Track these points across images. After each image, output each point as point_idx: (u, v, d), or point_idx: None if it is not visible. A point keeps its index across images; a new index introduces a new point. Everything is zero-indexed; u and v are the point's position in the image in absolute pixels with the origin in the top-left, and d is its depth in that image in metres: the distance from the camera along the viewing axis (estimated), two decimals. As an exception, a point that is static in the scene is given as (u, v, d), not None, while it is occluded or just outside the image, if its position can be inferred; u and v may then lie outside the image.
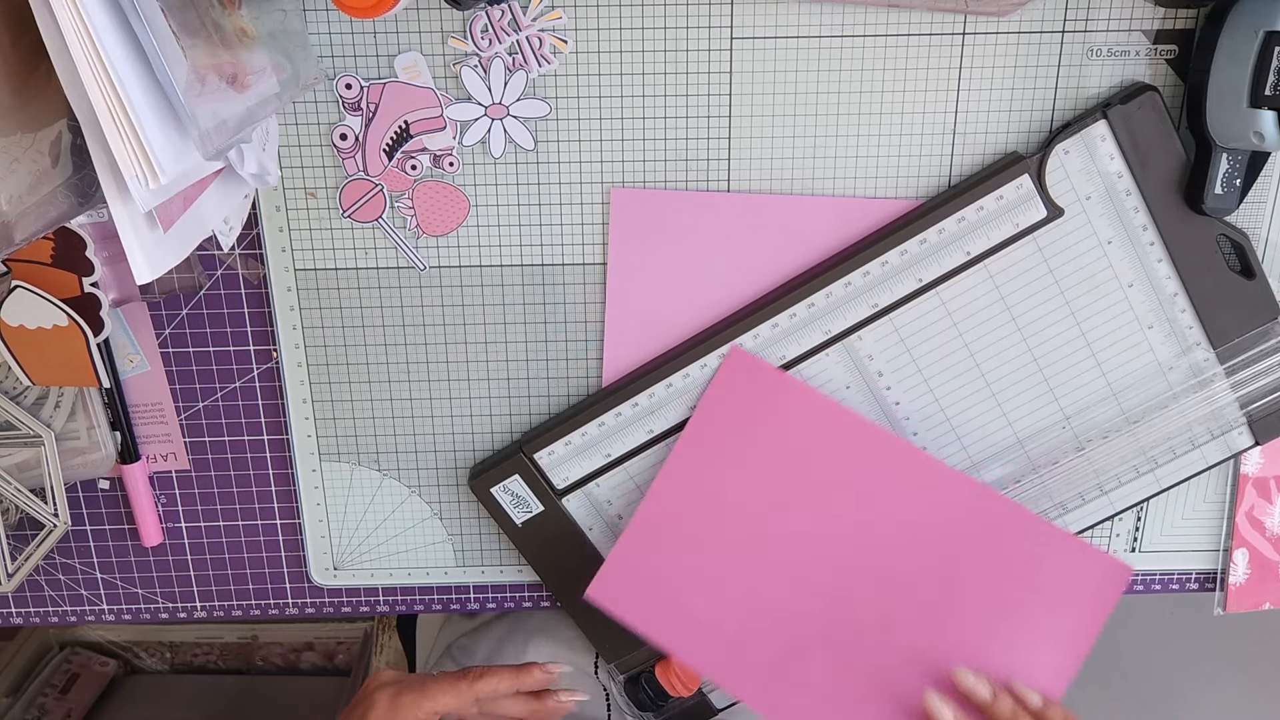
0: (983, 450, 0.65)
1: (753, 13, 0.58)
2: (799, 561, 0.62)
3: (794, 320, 0.62)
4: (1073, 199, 0.59)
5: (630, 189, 0.61)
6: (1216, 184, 0.58)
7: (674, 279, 0.63)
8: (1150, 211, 0.59)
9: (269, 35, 0.52)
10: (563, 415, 0.65)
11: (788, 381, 0.62)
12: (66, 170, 0.47)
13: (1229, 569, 0.69)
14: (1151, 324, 0.62)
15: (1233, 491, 0.68)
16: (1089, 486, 0.65)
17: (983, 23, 0.58)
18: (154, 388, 0.66)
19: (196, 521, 0.70)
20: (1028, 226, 0.60)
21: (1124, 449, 0.64)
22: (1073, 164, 0.59)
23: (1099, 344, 0.63)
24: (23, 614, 0.72)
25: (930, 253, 0.60)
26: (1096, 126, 0.58)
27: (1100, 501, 0.66)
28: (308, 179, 0.61)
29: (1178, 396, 0.63)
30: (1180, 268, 0.61)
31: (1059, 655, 0.60)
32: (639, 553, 0.63)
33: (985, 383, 0.63)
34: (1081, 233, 0.60)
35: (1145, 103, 0.58)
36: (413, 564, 0.70)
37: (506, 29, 0.58)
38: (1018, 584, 0.60)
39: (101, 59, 0.40)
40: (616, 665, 0.71)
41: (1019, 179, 0.59)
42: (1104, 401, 0.64)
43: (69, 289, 0.59)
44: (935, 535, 0.61)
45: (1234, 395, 0.63)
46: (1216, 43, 0.56)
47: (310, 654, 1.37)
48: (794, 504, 0.62)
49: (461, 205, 0.62)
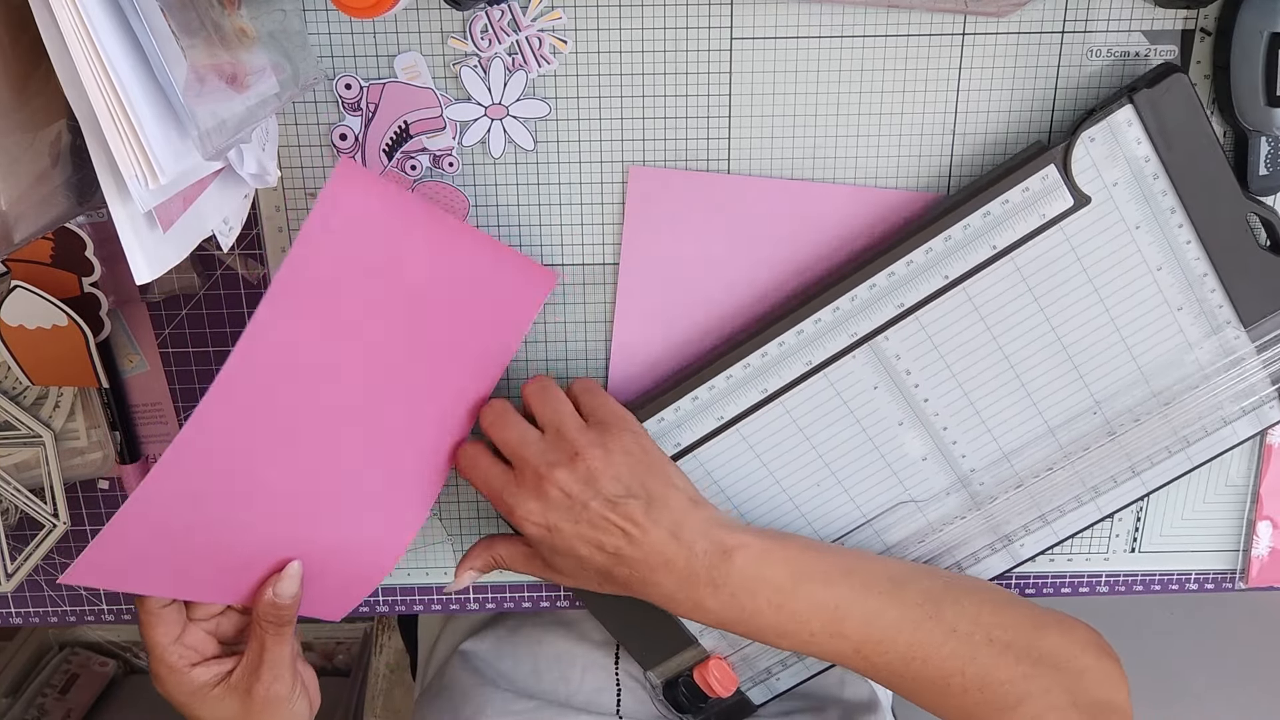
0: (1014, 440, 0.64)
1: (753, 13, 0.58)
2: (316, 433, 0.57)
3: (819, 325, 0.61)
4: (1099, 186, 0.59)
5: (650, 168, 0.61)
6: (1260, 166, 0.59)
7: (689, 266, 0.63)
8: (1178, 194, 0.59)
9: (269, 35, 0.52)
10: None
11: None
12: (66, 170, 0.47)
13: (1252, 542, 0.69)
14: (1181, 305, 0.62)
15: (1258, 464, 0.68)
16: (1121, 469, 0.65)
17: (983, 23, 0.59)
18: (154, 388, 0.66)
19: (196, 522, 0.70)
20: (1054, 217, 0.59)
21: (1156, 430, 0.64)
22: (1098, 151, 0.58)
23: (1128, 329, 0.62)
24: (22, 614, 0.72)
25: (956, 249, 0.60)
26: (1122, 112, 0.57)
27: (1133, 483, 0.65)
28: (308, 179, 0.61)
29: (1208, 376, 0.63)
30: (1209, 248, 0.60)
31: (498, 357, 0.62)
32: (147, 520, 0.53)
33: (1015, 374, 0.63)
34: (1109, 219, 0.60)
35: (1172, 85, 0.57)
36: (413, 564, 0.70)
37: (506, 29, 0.58)
38: (478, 309, 0.60)
39: (101, 59, 0.40)
40: (655, 670, 0.71)
41: (1044, 170, 0.58)
42: (1134, 385, 0.63)
43: (69, 289, 0.59)
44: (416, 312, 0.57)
45: (1265, 371, 0.63)
46: (1231, 40, 0.56)
47: (309, 654, 1.37)
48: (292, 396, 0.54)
49: (461, 205, 0.62)
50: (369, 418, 0.58)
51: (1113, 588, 0.72)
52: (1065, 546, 0.70)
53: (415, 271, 0.56)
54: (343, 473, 0.59)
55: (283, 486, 0.56)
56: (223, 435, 0.52)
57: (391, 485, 0.62)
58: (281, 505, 0.57)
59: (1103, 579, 0.72)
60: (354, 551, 0.63)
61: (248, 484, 0.55)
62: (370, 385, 0.57)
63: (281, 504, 0.57)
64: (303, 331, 0.53)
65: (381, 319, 0.56)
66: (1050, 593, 0.72)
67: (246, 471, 0.54)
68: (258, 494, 0.56)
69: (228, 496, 0.55)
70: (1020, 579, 0.71)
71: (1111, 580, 0.72)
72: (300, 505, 0.58)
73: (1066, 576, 0.72)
